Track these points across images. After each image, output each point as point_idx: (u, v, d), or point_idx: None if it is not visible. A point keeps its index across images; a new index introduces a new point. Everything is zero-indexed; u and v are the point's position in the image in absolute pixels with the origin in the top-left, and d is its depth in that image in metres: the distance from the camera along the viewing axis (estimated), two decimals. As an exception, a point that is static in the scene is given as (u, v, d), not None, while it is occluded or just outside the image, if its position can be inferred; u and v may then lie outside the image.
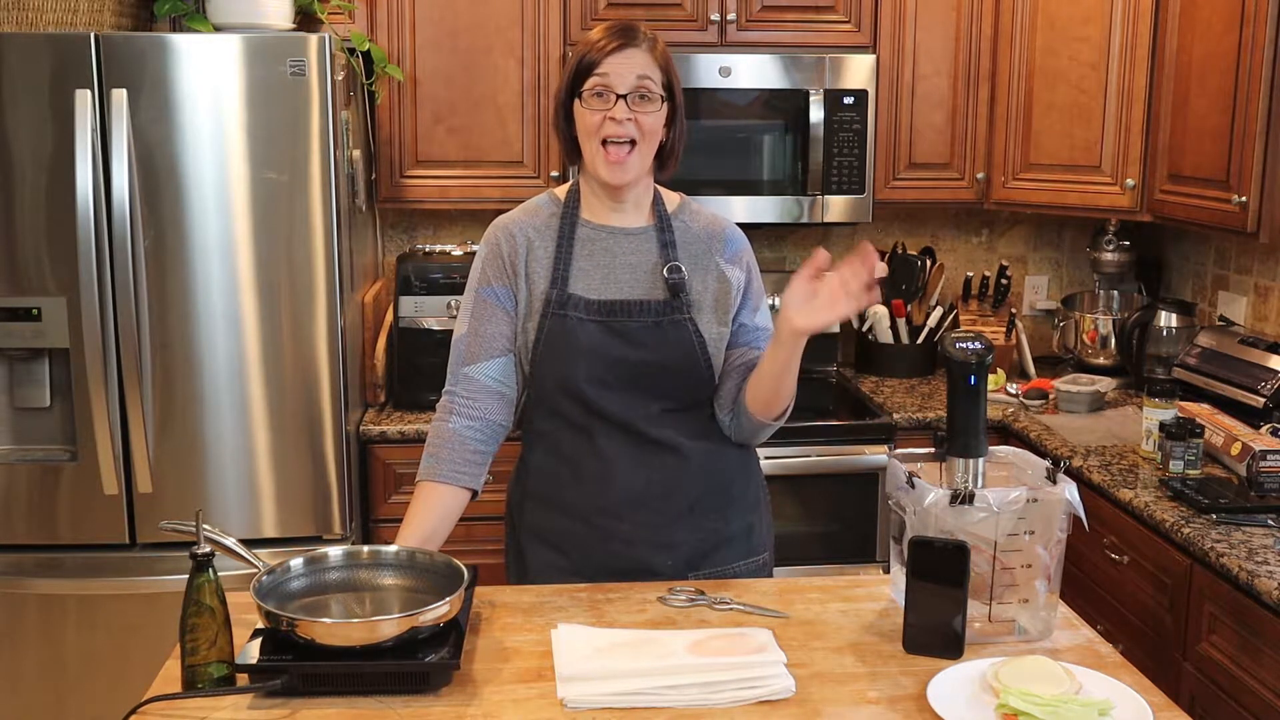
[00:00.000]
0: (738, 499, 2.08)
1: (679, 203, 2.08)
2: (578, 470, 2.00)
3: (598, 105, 1.91)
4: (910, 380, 3.62)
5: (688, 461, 2.00)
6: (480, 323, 2.00)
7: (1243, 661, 2.15)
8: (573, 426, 1.99)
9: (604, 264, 1.99)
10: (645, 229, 2.02)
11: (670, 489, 2.00)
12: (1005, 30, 3.41)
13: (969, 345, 1.73)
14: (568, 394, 1.97)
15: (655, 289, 1.98)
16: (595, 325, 1.95)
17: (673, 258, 1.99)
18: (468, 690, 1.59)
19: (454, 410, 1.99)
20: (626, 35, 1.93)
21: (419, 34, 3.29)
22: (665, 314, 1.97)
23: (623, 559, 1.99)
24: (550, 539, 2.04)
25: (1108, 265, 3.64)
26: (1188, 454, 2.60)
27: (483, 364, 1.99)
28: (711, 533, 2.04)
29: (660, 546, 2.00)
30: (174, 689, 1.58)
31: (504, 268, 2.00)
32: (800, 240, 3.84)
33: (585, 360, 1.95)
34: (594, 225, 2.01)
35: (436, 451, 1.97)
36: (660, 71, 1.94)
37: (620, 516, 1.99)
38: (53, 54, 2.67)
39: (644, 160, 1.95)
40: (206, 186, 2.75)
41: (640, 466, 1.98)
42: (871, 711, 1.54)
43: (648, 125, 1.92)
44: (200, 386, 2.81)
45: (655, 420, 1.98)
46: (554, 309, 1.96)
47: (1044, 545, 1.71)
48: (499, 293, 2.00)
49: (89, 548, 2.86)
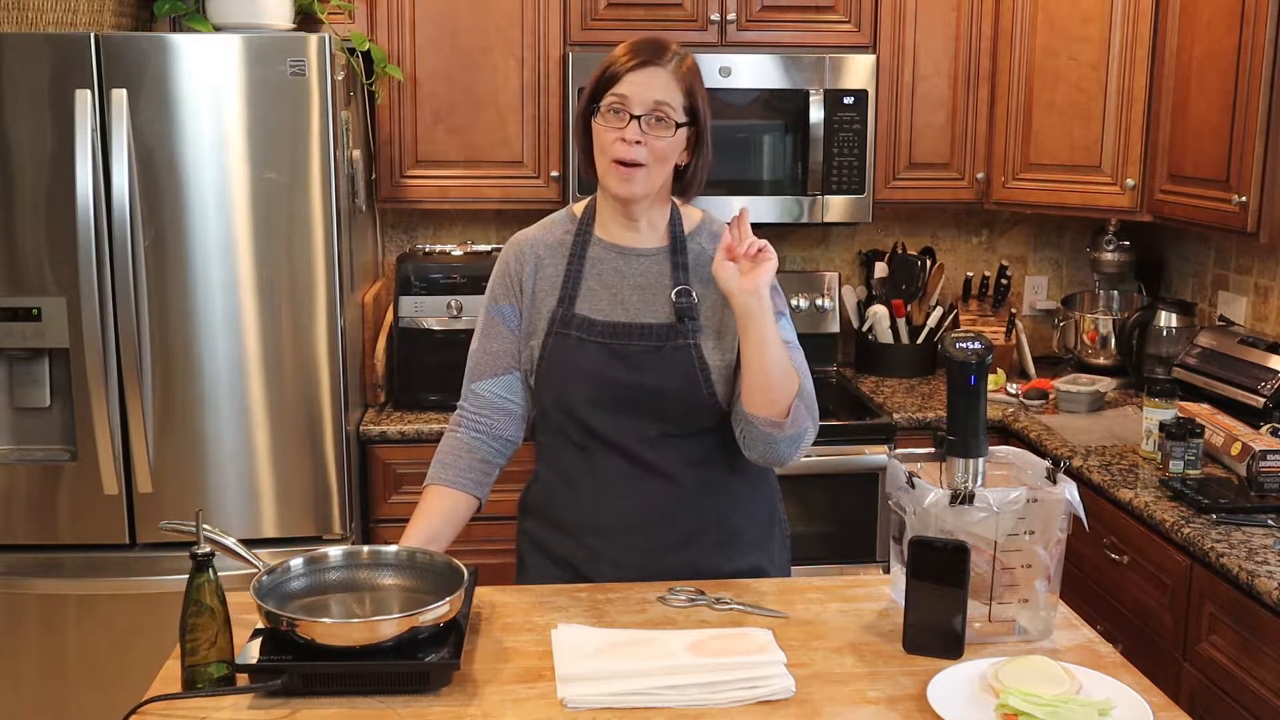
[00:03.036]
0: (741, 536, 2.02)
1: (698, 222, 2.01)
2: (575, 488, 2.00)
3: (612, 123, 1.87)
4: (910, 380, 3.62)
5: (684, 489, 1.96)
6: (488, 340, 2.01)
7: (1243, 661, 2.15)
8: (573, 445, 1.98)
9: (612, 284, 1.96)
10: (658, 250, 1.98)
11: (665, 516, 1.97)
12: (1005, 30, 3.41)
13: (969, 345, 1.72)
14: (566, 413, 1.96)
15: (662, 312, 1.94)
16: (597, 347, 1.93)
17: (683, 280, 1.95)
18: (468, 690, 1.59)
19: (463, 423, 2.01)
20: (651, 53, 1.87)
21: (419, 34, 3.29)
22: (669, 338, 1.93)
23: (611, 581, 1.96)
24: (545, 553, 2.05)
25: (1108, 265, 3.64)
26: (1188, 454, 2.60)
27: (488, 380, 2.00)
28: (708, 569, 1.98)
29: (651, 573, 1.96)
30: (174, 689, 1.58)
31: (511, 286, 2.00)
32: (800, 240, 3.84)
33: (583, 381, 1.93)
34: (606, 244, 1.98)
35: (445, 459, 1.99)
36: (683, 95, 1.87)
37: (612, 539, 1.97)
38: (53, 54, 2.67)
39: (653, 180, 1.90)
40: (206, 186, 2.75)
41: (635, 492, 1.96)
42: (871, 711, 1.54)
43: (660, 150, 1.87)
44: (200, 386, 2.81)
45: (654, 444, 1.95)
46: (558, 328, 1.95)
47: (1044, 545, 1.71)
48: (505, 312, 2.00)
49: (89, 548, 2.86)
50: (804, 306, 3.69)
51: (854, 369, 3.76)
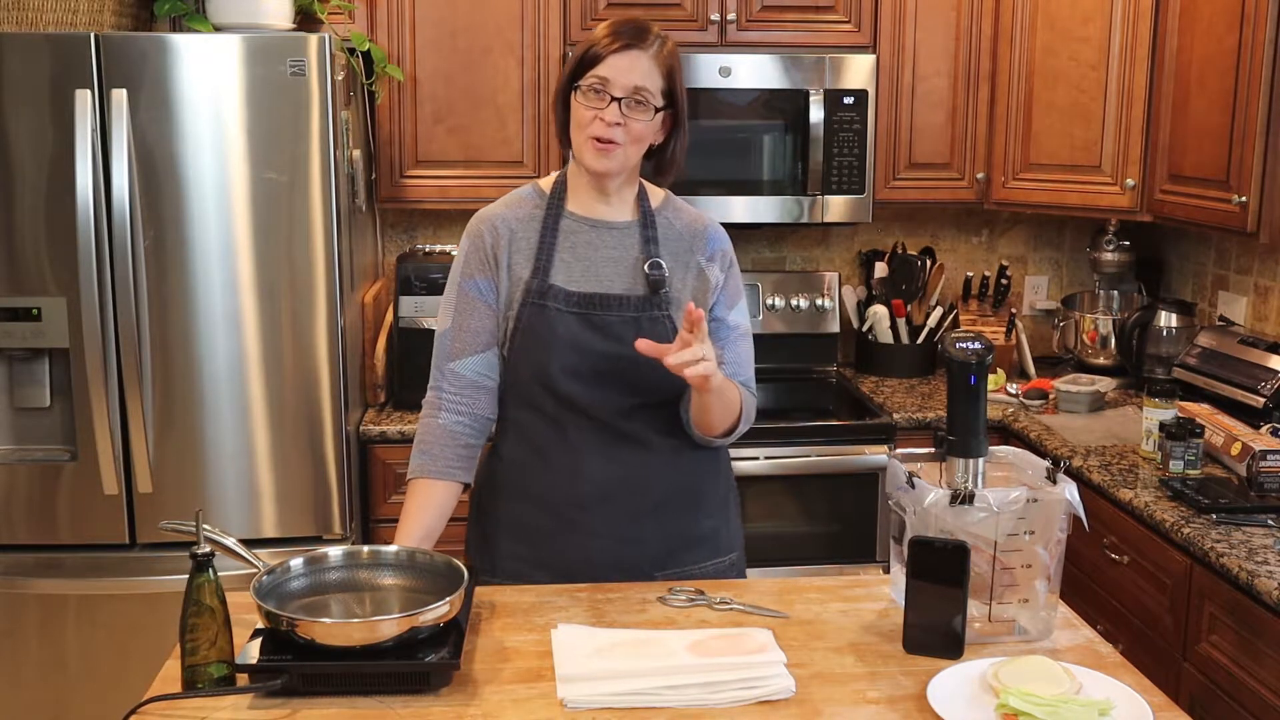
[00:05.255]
0: (705, 500, 2.09)
1: (663, 198, 2.08)
2: (547, 460, 2.01)
3: (592, 102, 1.91)
4: (910, 380, 3.62)
5: (657, 457, 2.02)
6: (464, 317, 2.01)
7: (1243, 661, 2.15)
8: (545, 417, 2.01)
9: (585, 257, 2.00)
10: (629, 224, 2.03)
11: (638, 484, 2.01)
12: (1005, 30, 3.41)
13: (969, 345, 1.73)
14: (542, 384, 1.98)
15: (636, 284, 1.99)
16: (574, 317, 1.96)
17: (654, 254, 2.00)
18: (468, 690, 1.59)
19: (442, 406, 2.00)
20: (634, 36, 1.92)
21: (419, 34, 3.29)
22: (644, 309, 1.98)
23: (587, 551, 2.00)
24: (517, 530, 2.05)
25: (1108, 265, 3.64)
26: (1188, 454, 2.60)
27: (468, 359, 2.00)
28: (678, 532, 2.05)
29: (625, 541, 2.01)
30: (174, 689, 1.58)
31: (486, 260, 2.02)
32: (800, 240, 3.84)
33: (561, 351, 1.96)
34: (578, 217, 2.02)
35: (428, 448, 1.99)
36: (662, 78, 1.93)
37: (586, 509, 2.00)
38: (53, 54, 2.67)
39: (629, 158, 1.96)
40: (206, 186, 2.75)
41: (609, 460, 2.00)
42: (871, 711, 1.54)
43: (637, 131, 1.92)
44: (200, 386, 2.81)
45: (627, 415, 1.99)
46: (533, 299, 1.97)
47: (1044, 545, 1.71)
48: (481, 286, 2.01)
49: (89, 548, 2.86)
50: (804, 306, 3.70)
51: (854, 369, 3.76)
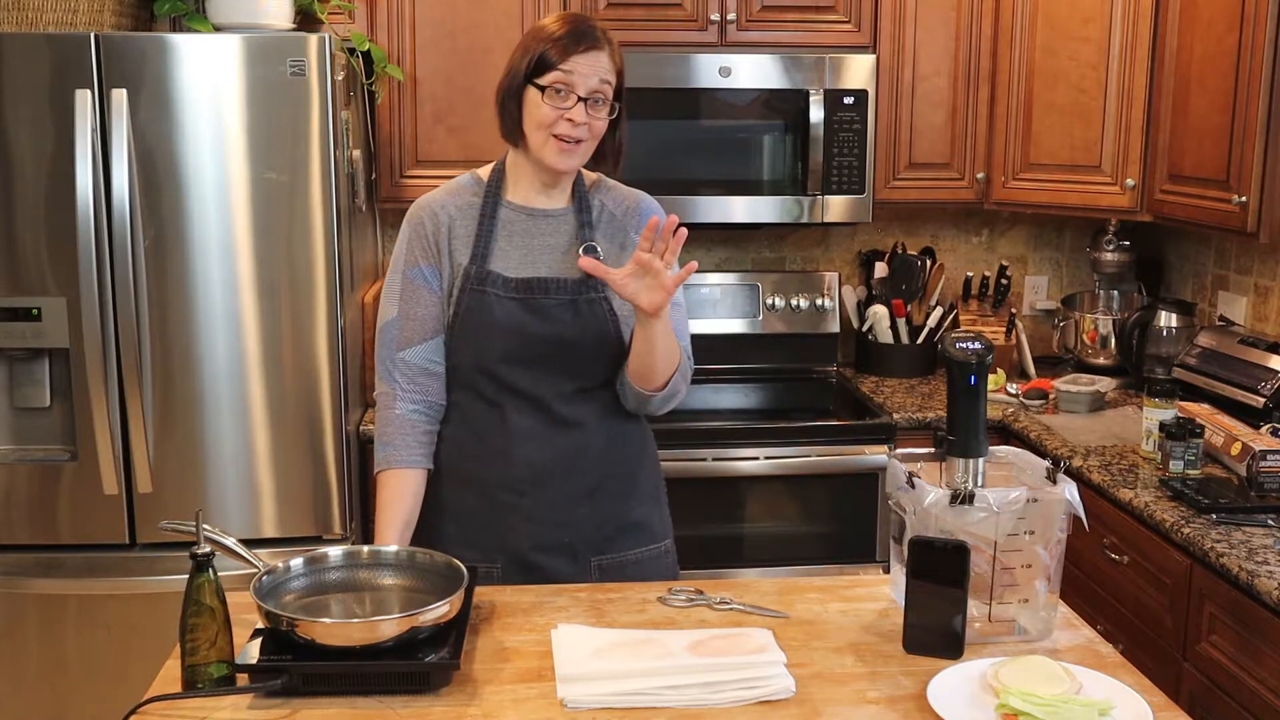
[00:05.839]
0: (638, 487, 2.12)
1: (595, 181, 2.12)
2: (484, 444, 2.04)
3: (556, 102, 1.94)
4: (910, 380, 3.62)
5: (592, 441, 2.04)
6: (410, 305, 2.03)
7: (1243, 661, 2.15)
8: (484, 400, 2.03)
9: (523, 244, 2.03)
10: (565, 210, 2.06)
11: (573, 468, 2.04)
12: (1005, 30, 3.41)
13: (969, 345, 1.73)
14: (481, 369, 2.01)
15: (572, 268, 2.02)
16: (513, 302, 1.99)
17: (589, 237, 2.04)
18: (468, 690, 1.59)
19: (398, 396, 2.03)
20: (591, 37, 1.95)
21: (419, 34, 3.29)
22: (581, 292, 2.00)
23: (521, 535, 2.02)
24: (455, 514, 2.06)
25: (1108, 265, 3.64)
26: (1188, 454, 2.60)
27: (417, 347, 2.03)
28: (612, 518, 2.08)
29: (559, 525, 2.03)
30: (174, 689, 1.58)
31: (429, 246, 2.03)
32: (800, 240, 3.84)
33: (501, 336, 1.99)
34: (515, 206, 2.05)
35: (390, 439, 2.02)
36: (615, 75, 1.99)
37: (521, 492, 2.02)
38: (53, 54, 2.67)
39: (587, 154, 2.01)
40: (206, 186, 2.75)
41: (546, 444, 2.02)
42: (871, 711, 1.54)
43: (597, 129, 1.98)
44: (200, 386, 2.81)
45: (567, 399, 2.02)
46: (473, 285, 2.00)
47: (1044, 545, 1.71)
48: (426, 272, 2.03)
49: (89, 548, 2.86)
50: (804, 306, 3.70)
51: (854, 369, 3.76)
